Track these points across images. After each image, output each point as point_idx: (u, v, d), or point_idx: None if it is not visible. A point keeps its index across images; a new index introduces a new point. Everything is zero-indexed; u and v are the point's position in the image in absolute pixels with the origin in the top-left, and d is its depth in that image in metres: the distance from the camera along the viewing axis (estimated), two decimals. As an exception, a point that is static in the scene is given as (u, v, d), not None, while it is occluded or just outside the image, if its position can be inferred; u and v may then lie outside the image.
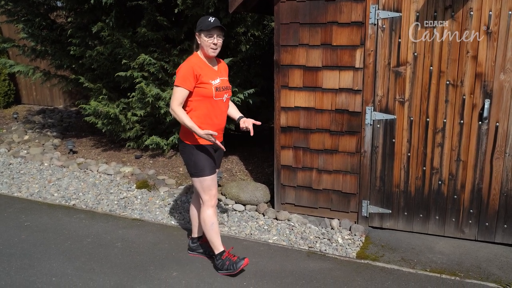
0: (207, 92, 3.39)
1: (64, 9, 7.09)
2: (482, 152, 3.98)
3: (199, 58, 3.45)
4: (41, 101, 10.91)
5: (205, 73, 3.40)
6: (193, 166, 3.50)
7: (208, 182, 3.50)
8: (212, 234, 3.58)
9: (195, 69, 3.35)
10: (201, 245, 3.94)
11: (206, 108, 3.44)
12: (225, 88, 3.53)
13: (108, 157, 6.88)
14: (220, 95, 3.48)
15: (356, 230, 4.42)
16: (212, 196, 3.55)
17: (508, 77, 3.77)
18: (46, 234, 4.36)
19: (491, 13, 3.71)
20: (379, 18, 4.03)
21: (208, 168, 3.50)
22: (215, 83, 3.43)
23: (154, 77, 6.35)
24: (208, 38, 3.35)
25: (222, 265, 3.61)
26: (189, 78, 3.34)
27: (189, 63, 3.38)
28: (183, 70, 3.35)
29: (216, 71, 3.52)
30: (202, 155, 3.49)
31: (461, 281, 3.56)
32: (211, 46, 3.37)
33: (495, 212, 4.04)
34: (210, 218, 3.55)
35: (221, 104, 3.51)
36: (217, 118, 3.51)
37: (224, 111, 3.58)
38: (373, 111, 4.23)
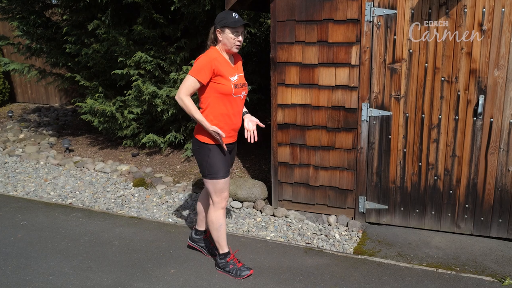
0: (226, 89, 3.26)
1: (60, 7, 7.07)
2: (477, 147, 4.01)
3: (219, 53, 3.32)
4: (36, 99, 10.88)
5: (224, 68, 3.27)
6: (207, 167, 3.38)
7: (221, 185, 3.40)
8: (218, 235, 3.52)
9: (214, 63, 3.21)
10: (204, 240, 3.90)
11: (224, 106, 3.31)
12: (242, 85, 3.40)
13: (105, 155, 6.88)
14: (238, 92, 3.35)
15: (353, 226, 4.44)
16: (223, 199, 3.45)
17: (502, 73, 3.80)
18: (42, 233, 4.36)
19: (484, 10, 3.74)
20: (374, 15, 4.05)
21: (223, 171, 3.39)
22: (234, 80, 3.31)
23: (150, 75, 6.35)
24: (234, 35, 3.24)
25: (225, 266, 3.59)
26: (206, 71, 3.20)
27: (209, 56, 3.24)
28: (202, 61, 3.21)
29: (233, 67, 3.40)
30: (218, 156, 3.37)
31: (457, 275, 3.59)
32: (236, 43, 3.27)
33: (490, 207, 4.08)
34: (218, 220, 3.47)
35: (239, 101, 3.39)
36: (235, 117, 3.39)
37: (241, 110, 3.45)
38: (369, 108, 4.25)
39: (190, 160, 6.46)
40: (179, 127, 6.59)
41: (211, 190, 3.43)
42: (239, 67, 3.49)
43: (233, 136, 3.45)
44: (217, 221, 3.48)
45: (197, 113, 3.23)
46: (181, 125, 6.54)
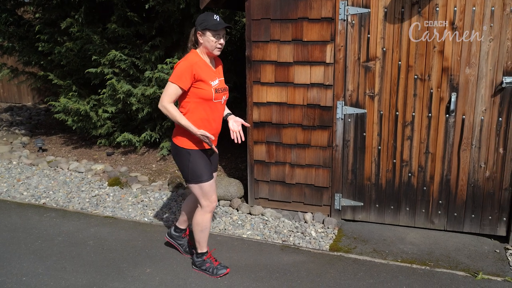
0: (206, 94, 3.20)
1: (32, 5, 6.94)
2: (449, 144, 4.08)
3: (199, 57, 3.24)
4: (8, 98, 10.66)
5: (205, 73, 3.20)
6: (189, 172, 3.32)
7: (207, 188, 3.35)
8: (201, 236, 3.49)
9: (194, 68, 3.14)
10: (182, 238, 3.85)
11: (204, 111, 3.25)
12: (223, 89, 3.34)
13: (79, 154, 6.78)
14: (219, 97, 3.29)
15: (329, 223, 4.47)
16: (212, 201, 3.41)
17: (473, 71, 3.88)
18: (15, 234, 4.28)
19: (456, 9, 3.80)
20: (348, 14, 4.08)
21: (206, 174, 3.33)
22: (215, 84, 3.25)
23: (125, 74, 6.29)
24: (215, 38, 3.16)
25: (201, 265, 3.58)
26: (186, 77, 3.13)
27: (189, 60, 3.17)
28: (181, 66, 3.14)
29: (214, 71, 3.33)
30: (199, 160, 3.31)
31: (431, 270, 3.65)
32: (217, 46, 3.19)
33: (463, 203, 4.15)
34: (205, 223, 3.44)
35: (220, 106, 3.33)
36: (215, 121, 3.34)
37: (222, 114, 3.40)
38: (344, 106, 4.29)
39: (166, 159, 6.41)
40: (155, 126, 6.54)
41: (198, 195, 3.38)
42: (220, 71, 3.43)
43: (212, 141, 3.36)
44: (203, 224, 3.45)
45: (182, 119, 3.16)
46: (157, 124, 6.48)
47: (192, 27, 6.18)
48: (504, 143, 3.95)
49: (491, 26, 3.76)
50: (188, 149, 3.30)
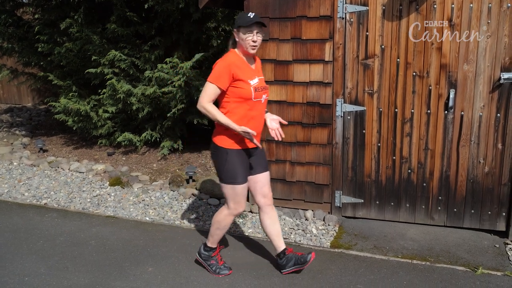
0: (246, 93, 3.15)
1: (31, 6, 6.96)
2: (448, 140, 4.10)
3: (237, 56, 3.21)
4: (8, 99, 10.68)
5: (243, 72, 3.16)
6: (225, 172, 3.27)
7: (238, 190, 3.29)
8: (216, 233, 3.47)
9: (232, 67, 3.11)
10: (287, 257, 3.51)
11: (244, 110, 3.19)
12: (263, 88, 3.27)
13: (80, 155, 6.80)
14: (259, 95, 3.22)
15: (330, 220, 4.49)
16: (240, 206, 3.35)
17: (471, 67, 3.90)
18: (17, 234, 4.30)
19: (453, 6, 3.82)
20: (347, 12, 4.10)
21: (241, 176, 3.27)
22: (254, 83, 3.19)
23: (125, 73, 6.30)
24: (248, 34, 3.10)
25: (206, 259, 3.58)
26: (224, 76, 3.10)
27: (226, 60, 3.14)
28: (219, 66, 3.12)
29: (254, 70, 3.27)
30: (236, 161, 3.25)
31: (432, 266, 3.67)
32: (250, 44, 3.12)
33: (463, 198, 4.17)
34: (224, 224, 3.41)
35: (260, 105, 3.26)
36: (256, 120, 3.26)
37: (263, 113, 3.32)
38: (344, 103, 4.31)
39: (167, 158, 6.43)
40: (155, 126, 6.55)
41: (228, 196, 3.33)
42: (259, 70, 3.37)
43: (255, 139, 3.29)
44: (222, 224, 3.43)
45: (222, 117, 3.13)
46: (157, 124, 6.50)
47: (191, 26, 6.21)
48: (502, 139, 3.97)
49: (489, 23, 3.77)
50: (227, 149, 3.25)
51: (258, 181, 3.44)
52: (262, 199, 3.46)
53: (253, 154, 3.40)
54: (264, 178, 3.45)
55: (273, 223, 3.49)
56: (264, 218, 3.49)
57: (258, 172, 3.44)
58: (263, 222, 3.50)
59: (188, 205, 5.03)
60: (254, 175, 3.43)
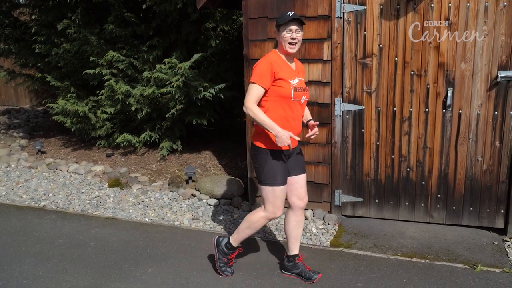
0: (286, 92, 3.13)
1: (28, 6, 6.94)
2: (447, 138, 4.11)
3: (278, 55, 3.21)
4: (5, 101, 10.66)
5: (284, 71, 3.15)
6: (264, 173, 3.21)
7: (277, 193, 3.22)
8: (246, 233, 3.41)
9: (273, 66, 3.10)
10: (297, 265, 3.51)
11: (283, 109, 3.17)
12: (303, 89, 3.24)
13: (78, 156, 6.79)
14: (298, 96, 3.19)
15: (330, 219, 4.50)
16: (278, 211, 3.27)
17: (468, 66, 3.91)
18: (15, 237, 4.29)
19: (450, 5, 3.83)
20: (344, 12, 4.10)
21: (281, 177, 3.22)
22: (294, 83, 3.17)
23: (123, 74, 6.29)
24: (286, 32, 3.09)
25: (221, 253, 3.52)
26: (267, 75, 3.09)
27: (267, 59, 3.14)
28: (261, 66, 3.11)
29: (294, 70, 3.26)
30: (276, 162, 3.21)
31: (431, 264, 3.68)
32: (289, 41, 3.10)
33: (461, 196, 4.18)
34: (256, 226, 3.35)
35: (299, 106, 3.23)
36: (295, 121, 3.22)
37: (301, 114, 3.30)
38: (342, 102, 4.31)
39: (166, 159, 6.43)
40: (154, 126, 6.55)
41: (266, 198, 3.26)
42: (300, 71, 3.36)
43: (292, 142, 3.22)
44: (255, 225, 3.36)
45: (267, 119, 3.09)
46: (156, 124, 6.50)
47: (190, 26, 6.21)
48: (500, 137, 3.98)
49: (485, 22, 3.78)
50: (267, 149, 3.22)
51: (295, 183, 3.39)
52: (297, 201, 3.41)
53: (292, 155, 3.37)
54: (301, 180, 3.41)
55: (298, 226, 3.46)
56: (291, 219, 3.45)
57: (296, 174, 3.40)
58: (289, 223, 3.46)
59: (187, 205, 5.03)
60: (292, 176, 3.39)
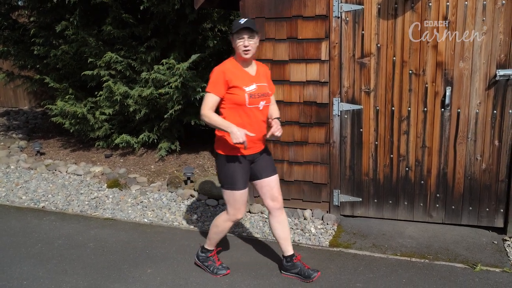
0: (239, 99, 3.15)
1: (26, 9, 6.95)
2: (445, 138, 4.11)
3: (234, 63, 3.24)
4: (4, 102, 10.66)
5: (239, 78, 3.18)
6: (224, 178, 3.29)
7: (237, 197, 3.29)
8: (214, 237, 3.51)
9: (226, 74, 3.14)
10: (295, 264, 3.51)
11: (239, 116, 3.20)
12: (262, 95, 3.23)
13: (77, 157, 6.79)
14: (255, 102, 3.20)
15: (328, 219, 4.50)
16: (240, 213, 3.35)
17: (467, 64, 3.90)
18: (15, 238, 4.29)
19: (448, 4, 3.83)
20: (342, 11, 4.10)
21: (240, 182, 3.27)
22: (250, 90, 3.18)
23: (121, 75, 6.30)
24: (239, 40, 3.12)
25: (203, 260, 3.61)
26: (220, 84, 3.14)
27: (221, 67, 3.18)
28: (214, 75, 3.16)
29: (253, 76, 3.25)
30: (235, 167, 3.26)
31: (430, 263, 3.68)
32: (242, 48, 3.12)
33: (461, 195, 4.18)
34: (223, 229, 3.44)
35: (257, 112, 3.23)
36: (252, 127, 3.22)
37: (262, 120, 3.29)
38: (340, 102, 4.31)
39: (164, 159, 6.43)
40: (152, 127, 6.55)
41: (227, 201, 3.34)
42: (261, 76, 3.33)
43: (252, 147, 3.28)
44: (221, 228, 3.46)
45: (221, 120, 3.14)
46: (154, 125, 6.50)
47: (187, 27, 6.21)
48: (499, 136, 3.98)
49: (484, 20, 3.78)
50: (226, 155, 3.27)
51: (266, 185, 3.42)
52: (271, 202, 3.43)
53: (256, 159, 3.38)
54: (272, 182, 3.43)
55: (282, 226, 3.46)
56: (273, 221, 3.47)
57: (266, 176, 3.41)
58: (272, 226, 3.47)
59: (186, 206, 5.02)
60: (262, 179, 3.41)
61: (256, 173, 3.40)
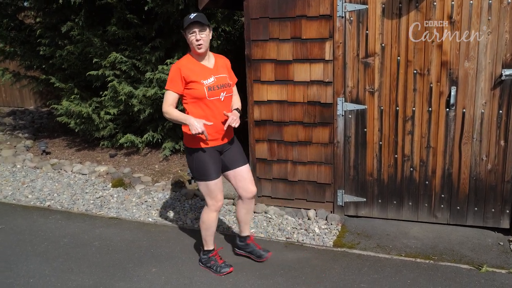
0: (199, 93, 3.24)
1: (32, 10, 6.99)
2: (450, 138, 4.09)
3: (190, 58, 3.32)
4: (11, 102, 10.71)
5: (196, 73, 3.25)
6: (195, 170, 3.39)
7: (212, 187, 3.38)
8: (206, 234, 3.56)
9: (182, 70, 3.22)
10: (248, 245, 3.76)
11: (201, 109, 3.29)
12: (221, 86, 3.32)
13: (82, 156, 6.82)
14: (215, 94, 3.28)
15: (332, 219, 4.49)
16: (217, 200, 3.44)
17: (472, 64, 3.89)
18: (21, 236, 4.31)
19: (453, 3, 3.82)
20: (346, 11, 4.10)
21: (212, 172, 3.36)
22: (208, 83, 3.26)
23: (126, 75, 6.32)
24: (190, 35, 3.20)
25: (206, 262, 3.64)
26: (176, 81, 3.23)
27: (177, 64, 3.27)
28: (171, 72, 3.26)
29: (210, 69, 3.33)
30: (204, 158, 3.34)
31: (435, 264, 3.67)
32: (195, 43, 3.21)
33: (466, 196, 4.17)
34: (210, 222, 3.49)
35: (219, 103, 3.32)
36: (216, 118, 3.31)
37: (223, 110, 3.36)
38: (344, 102, 4.30)
39: (169, 159, 6.44)
40: (157, 127, 6.56)
41: (203, 192, 3.43)
42: (220, 68, 3.40)
43: (217, 138, 3.38)
44: (208, 223, 3.51)
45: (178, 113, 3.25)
46: (159, 125, 6.51)
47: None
48: (505, 136, 3.96)
49: (489, 20, 3.77)
50: (194, 148, 3.36)
51: (237, 175, 3.55)
52: (244, 192, 3.58)
53: (225, 150, 3.50)
54: (243, 171, 3.56)
55: (247, 212, 3.67)
56: (241, 206, 3.65)
57: (237, 166, 3.54)
58: (239, 210, 3.67)
59: (190, 205, 5.03)
60: (233, 169, 3.54)
61: (226, 164, 3.52)
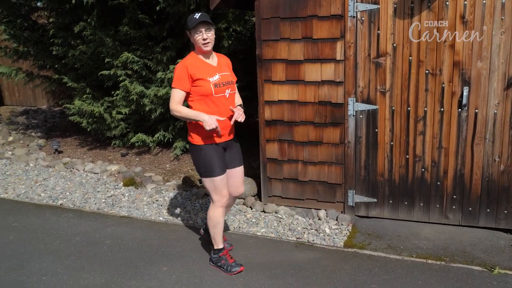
0: (206, 90, 3.32)
1: (45, 10, 7.05)
2: (462, 138, 4.06)
3: (195, 57, 3.40)
4: (24, 101, 10.81)
5: (202, 71, 3.34)
6: (201, 166, 3.44)
7: (218, 182, 3.44)
8: (215, 232, 3.59)
9: (189, 68, 3.31)
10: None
11: (208, 106, 3.37)
12: (226, 83, 3.43)
13: (94, 156, 6.87)
14: (221, 91, 3.39)
15: (343, 219, 4.48)
16: (223, 196, 3.49)
17: (485, 64, 3.86)
18: (34, 234, 4.36)
19: (466, 3, 3.79)
20: (357, 11, 4.09)
21: (218, 168, 3.43)
22: (214, 80, 3.35)
23: (137, 75, 6.35)
24: (197, 34, 3.29)
25: (217, 261, 3.65)
26: (184, 78, 3.31)
27: (183, 62, 3.34)
28: (177, 70, 3.33)
29: (214, 67, 3.43)
30: (210, 154, 3.41)
31: (447, 266, 3.64)
32: (201, 42, 3.30)
33: (478, 197, 4.14)
34: (217, 218, 3.54)
35: (224, 100, 3.42)
36: (221, 115, 3.40)
37: (228, 107, 3.46)
38: (356, 102, 4.29)
39: (180, 158, 6.47)
40: (168, 126, 6.59)
41: (209, 189, 3.49)
42: (223, 66, 3.52)
43: (224, 134, 3.47)
44: (215, 219, 3.54)
45: (189, 111, 3.33)
46: (170, 124, 6.54)
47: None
48: (517, 137, 3.93)
49: (502, 19, 3.73)
50: (200, 145, 3.42)
51: (232, 175, 3.64)
52: (234, 191, 3.70)
53: (228, 147, 3.58)
54: (238, 172, 3.67)
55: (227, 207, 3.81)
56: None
57: (233, 166, 3.64)
58: None
59: (201, 205, 5.05)
60: (229, 168, 3.63)
61: (226, 162, 3.58)
